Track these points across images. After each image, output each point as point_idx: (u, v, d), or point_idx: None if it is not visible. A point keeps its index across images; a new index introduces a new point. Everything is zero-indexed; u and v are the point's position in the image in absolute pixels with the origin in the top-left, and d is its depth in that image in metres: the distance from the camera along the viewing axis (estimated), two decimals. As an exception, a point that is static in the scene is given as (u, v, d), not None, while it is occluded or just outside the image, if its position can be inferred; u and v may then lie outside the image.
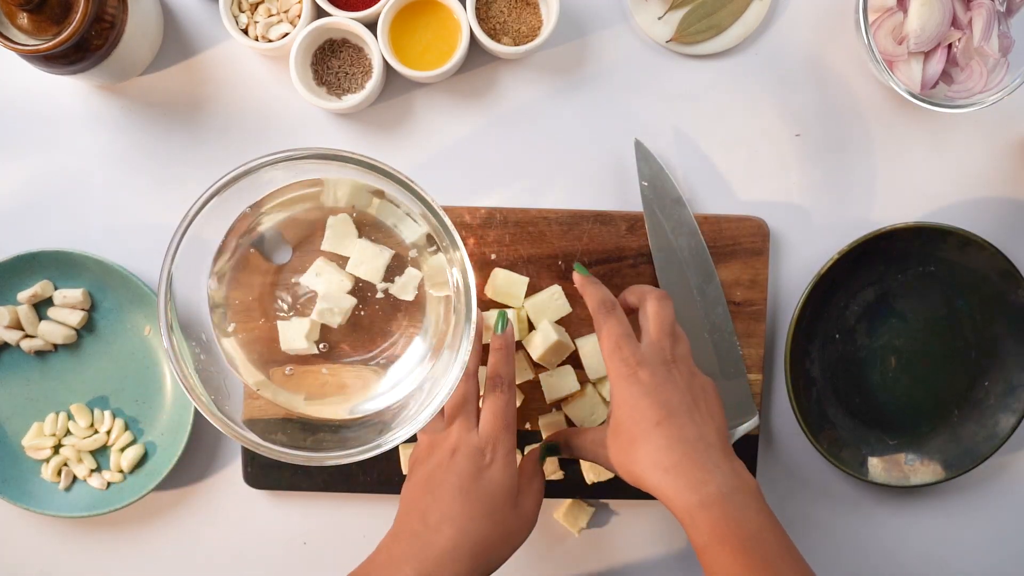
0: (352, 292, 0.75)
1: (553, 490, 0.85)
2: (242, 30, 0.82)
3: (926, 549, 0.89)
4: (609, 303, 0.73)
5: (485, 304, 0.84)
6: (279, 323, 0.75)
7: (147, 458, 0.85)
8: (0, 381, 0.85)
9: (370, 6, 0.81)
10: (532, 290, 0.84)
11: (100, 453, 0.86)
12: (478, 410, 0.73)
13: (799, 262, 0.87)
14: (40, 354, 0.85)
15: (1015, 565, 0.90)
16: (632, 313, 0.75)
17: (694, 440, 0.68)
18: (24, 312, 0.84)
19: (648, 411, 0.68)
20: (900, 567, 0.89)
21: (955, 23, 0.81)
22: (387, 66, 0.82)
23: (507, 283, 0.83)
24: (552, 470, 0.85)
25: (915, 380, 0.88)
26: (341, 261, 0.75)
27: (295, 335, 0.74)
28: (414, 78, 0.82)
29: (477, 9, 0.82)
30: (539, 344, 0.80)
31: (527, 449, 0.84)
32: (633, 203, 0.86)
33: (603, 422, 0.79)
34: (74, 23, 0.72)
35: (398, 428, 0.70)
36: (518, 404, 0.83)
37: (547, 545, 0.88)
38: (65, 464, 0.85)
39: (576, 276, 0.76)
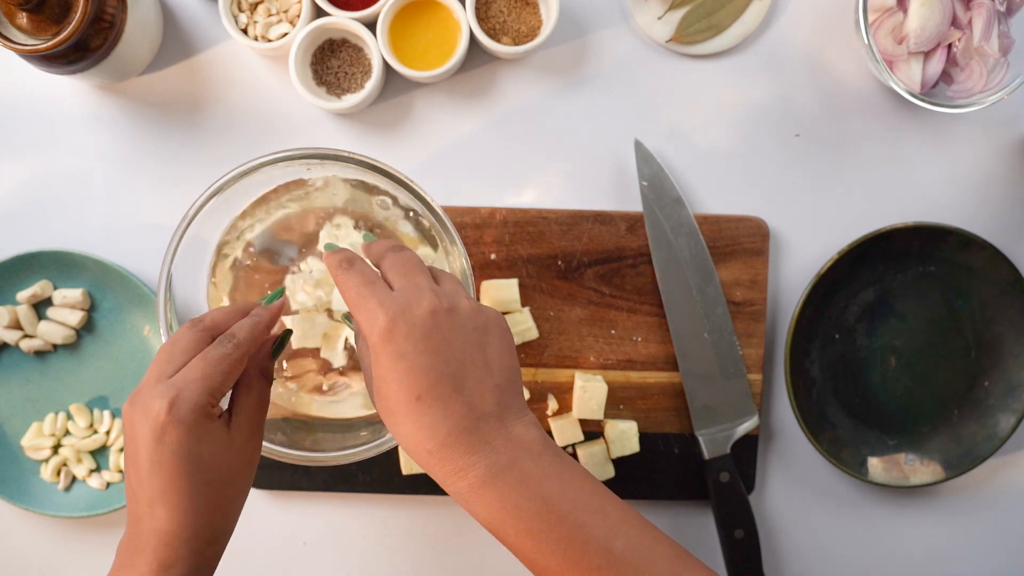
0: None
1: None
2: (242, 30, 0.81)
3: (926, 549, 0.89)
4: (348, 258, 0.62)
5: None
6: (284, 319, 0.74)
7: (147, 458, 0.85)
8: (0, 381, 0.85)
9: (370, 6, 0.81)
10: (523, 296, 0.84)
11: (99, 453, 0.86)
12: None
13: (799, 262, 0.87)
14: (40, 354, 0.85)
15: (1015, 565, 0.90)
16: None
17: (462, 415, 0.57)
18: (24, 312, 0.84)
19: (407, 379, 0.57)
20: (900, 567, 0.89)
21: (955, 23, 0.81)
22: (387, 66, 0.82)
23: (498, 290, 0.83)
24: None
25: (915, 380, 0.88)
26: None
27: (299, 334, 0.74)
28: (414, 78, 0.82)
29: (477, 9, 0.82)
30: None
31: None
32: (633, 203, 0.86)
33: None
34: (74, 23, 0.72)
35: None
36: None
37: (547, 545, 0.88)
38: (64, 464, 0.85)
39: (325, 254, 0.64)
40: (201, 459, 0.58)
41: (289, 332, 0.67)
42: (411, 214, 0.74)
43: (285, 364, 0.76)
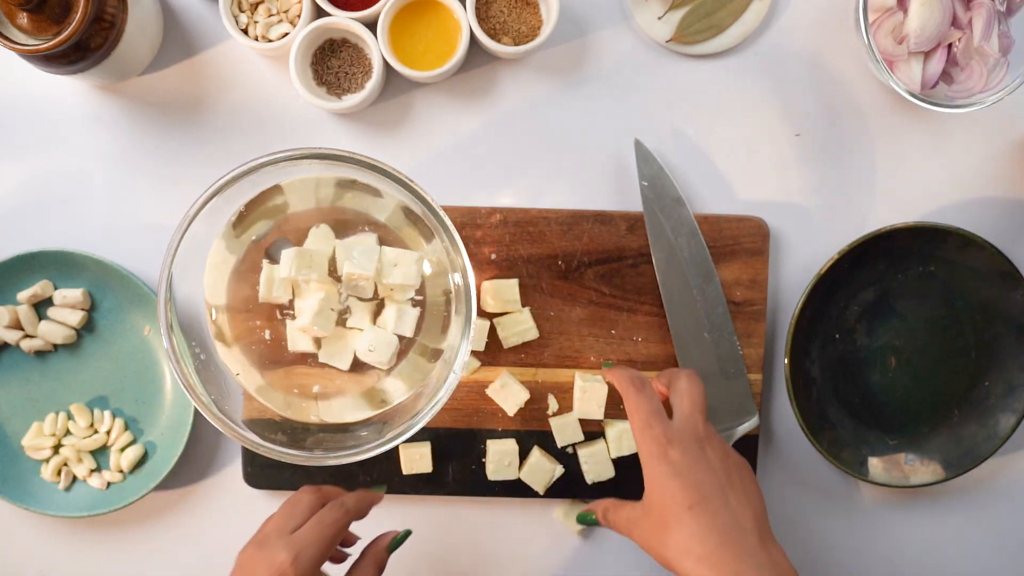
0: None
1: (553, 490, 0.85)
2: (242, 30, 0.82)
3: (926, 549, 0.89)
4: (639, 380, 0.71)
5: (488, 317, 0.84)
6: (288, 323, 0.74)
7: (147, 458, 0.85)
8: (0, 381, 0.85)
9: (370, 6, 0.81)
10: (523, 296, 0.84)
11: (100, 453, 0.86)
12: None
13: (799, 262, 0.87)
14: (40, 354, 0.85)
15: (1015, 565, 0.90)
16: (663, 399, 0.73)
17: (728, 526, 0.64)
18: (24, 312, 0.84)
19: (679, 493, 0.65)
20: (900, 567, 0.89)
21: (955, 23, 0.81)
22: (387, 66, 0.82)
23: (498, 290, 0.83)
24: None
25: (915, 380, 0.88)
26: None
27: (301, 336, 0.74)
28: (414, 78, 0.82)
29: (477, 9, 0.82)
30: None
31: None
32: (633, 203, 0.86)
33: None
34: (74, 23, 0.72)
35: (398, 428, 0.70)
36: None
37: (547, 545, 0.88)
38: (65, 464, 0.85)
39: (606, 372, 0.76)
40: None
41: (408, 532, 0.74)
42: (411, 214, 0.74)
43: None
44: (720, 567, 0.63)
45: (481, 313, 0.84)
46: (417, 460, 0.83)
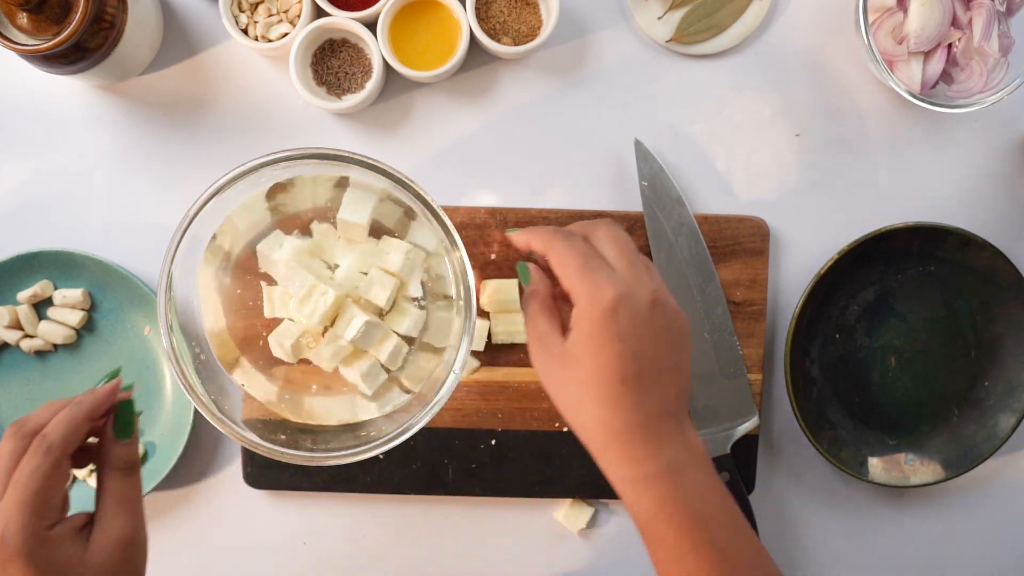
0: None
1: (552, 491, 0.85)
2: (242, 30, 0.82)
3: (926, 549, 0.89)
4: (562, 231, 0.62)
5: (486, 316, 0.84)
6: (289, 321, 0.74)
7: (147, 458, 0.85)
8: (0, 381, 0.85)
9: (370, 6, 0.81)
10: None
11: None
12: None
13: (799, 262, 0.87)
14: (40, 354, 0.85)
15: (1015, 565, 0.90)
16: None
17: (653, 406, 0.59)
18: (24, 312, 0.84)
19: (616, 360, 0.58)
20: (900, 567, 0.89)
21: (955, 23, 0.81)
22: (387, 66, 0.82)
23: (498, 290, 0.82)
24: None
25: (915, 380, 0.88)
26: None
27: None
28: (414, 78, 0.81)
29: (477, 9, 0.82)
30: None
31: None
32: (633, 203, 0.86)
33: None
34: (74, 23, 0.72)
35: (398, 428, 0.70)
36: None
37: (547, 545, 0.88)
38: (65, 464, 0.85)
39: (512, 237, 0.65)
40: None
41: (129, 403, 0.61)
42: (411, 214, 0.74)
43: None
44: (635, 446, 0.59)
45: (481, 313, 0.84)
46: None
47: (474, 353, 0.84)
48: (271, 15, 0.82)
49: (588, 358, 0.59)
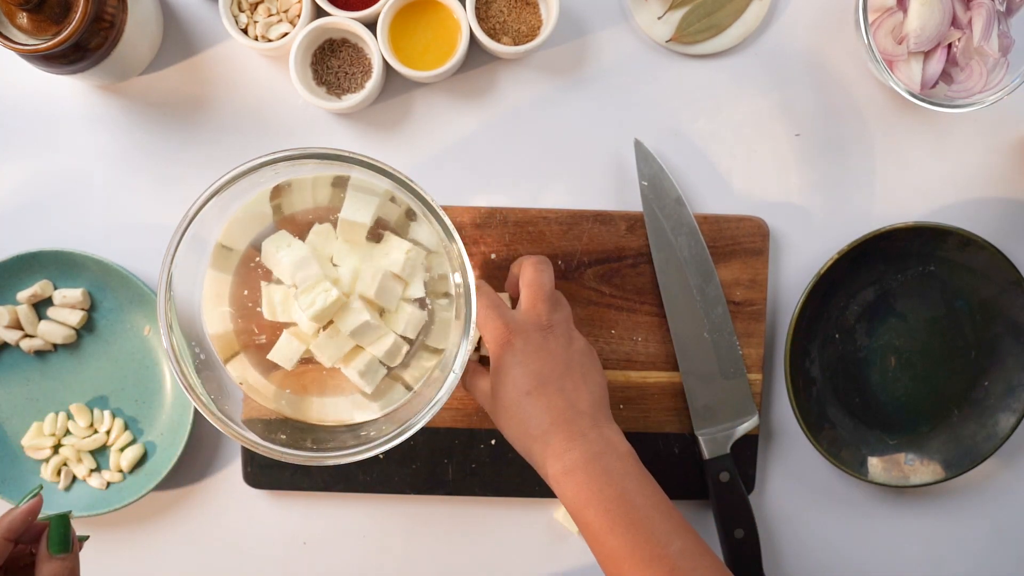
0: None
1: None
2: (242, 30, 0.82)
3: (926, 549, 0.89)
4: (477, 284, 0.73)
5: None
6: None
7: (147, 458, 0.85)
8: (0, 381, 0.85)
9: (370, 6, 0.81)
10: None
11: (100, 453, 0.86)
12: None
13: (799, 262, 0.87)
14: (40, 354, 0.85)
15: (1015, 565, 0.90)
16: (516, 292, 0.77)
17: (563, 409, 0.70)
18: (24, 312, 0.84)
19: (520, 380, 0.71)
20: (900, 567, 0.89)
21: (955, 23, 0.81)
22: (387, 66, 0.82)
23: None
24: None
25: (915, 380, 0.88)
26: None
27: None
28: (414, 78, 0.82)
29: (477, 9, 0.82)
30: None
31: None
32: (633, 203, 0.86)
33: None
34: (74, 23, 0.72)
35: (398, 428, 0.70)
36: None
37: (547, 545, 0.88)
38: (65, 464, 0.85)
39: None
40: None
41: (63, 517, 0.60)
42: (411, 214, 0.74)
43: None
44: (552, 445, 0.70)
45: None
46: None
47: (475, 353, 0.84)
48: (271, 15, 0.82)
49: (500, 386, 0.72)
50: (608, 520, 0.67)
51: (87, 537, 0.67)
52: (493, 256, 0.84)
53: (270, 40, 0.81)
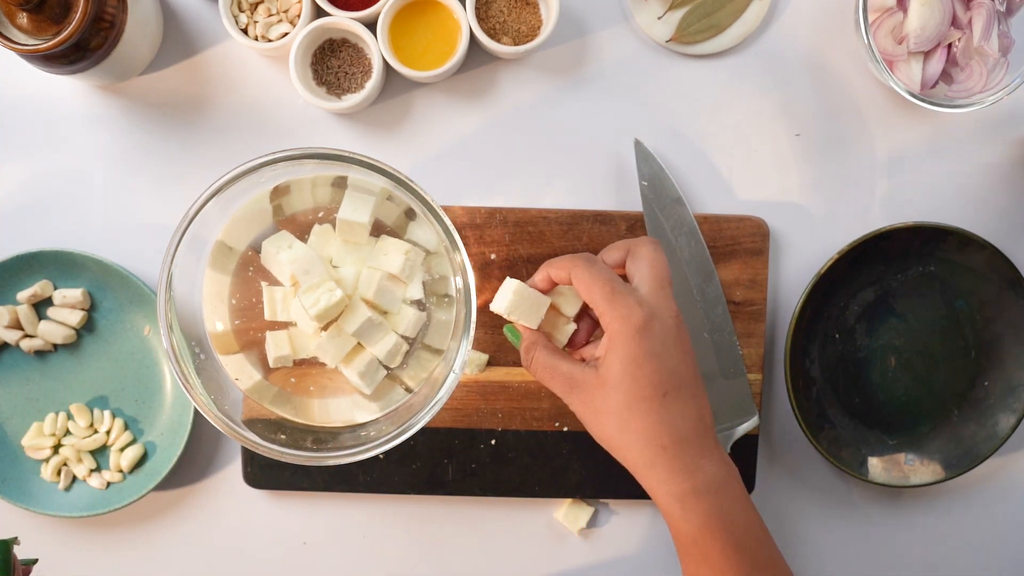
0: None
1: (552, 490, 0.85)
2: (242, 30, 0.82)
3: (926, 549, 0.89)
4: (585, 256, 0.65)
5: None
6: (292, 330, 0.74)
7: (147, 458, 0.85)
8: (0, 381, 0.85)
9: (370, 6, 0.81)
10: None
11: (100, 453, 0.86)
12: None
13: (799, 262, 0.87)
14: (40, 354, 0.85)
15: (1015, 565, 0.90)
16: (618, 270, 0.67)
17: (696, 419, 0.62)
18: (24, 312, 0.84)
19: (656, 376, 0.60)
20: (900, 567, 0.89)
21: (955, 23, 0.81)
22: (387, 66, 0.82)
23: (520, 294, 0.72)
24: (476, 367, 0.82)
25: (915, 380, 0.88)
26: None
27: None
28: (414, 78, 0.82)
29: (477, 9, 0.82)
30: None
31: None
32: (633, 203, 0.86)
33: (585, 363, 0.67)
34: (74, 23, 0.72)
35: (398, 428, 0.70)
36: None
37: (547, 545, 0.88)
38: (65, 464, 0.85)
39: (535, 281, 0.68)
40: None
41: (4, 544, 0.64)
42: (412, 214, 0.74)
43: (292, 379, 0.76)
44: (681, 459, 0.61)
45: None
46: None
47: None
48: (271, 15, 0.82)
49: (628, 378, 0.61)
50: (738, 555, 0.60)
51: (35, 561, 0.69)
52: (493, 256, 0.84)
53: (270, 40, 0.81)
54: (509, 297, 0.68)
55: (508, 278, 0.69)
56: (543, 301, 0.68)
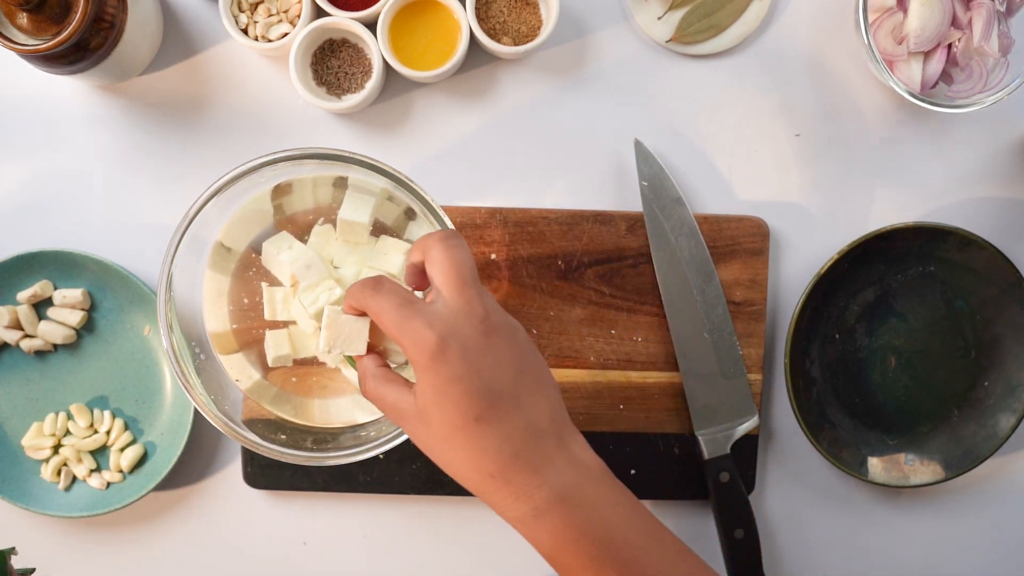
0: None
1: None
2: (242, 30, 0.82)
3: (926, 549, 0.89)
4: (371, 280, 0.58)
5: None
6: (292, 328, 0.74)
7: (147, 458, 0.85)
8: (0, 381, 0.85)
9: (370, 6, 0.81)
10: (523, 296, 0.84)
11: (100, 453, 0.86)
12: None
13: (799, 262, 0.87)
14: (40, 354, 0.85)
15: (1015, 565, 0.90)
16: (424, 275, 0.60)
17: (523, 433, 0.55)
18: (24, 312, 0.84)
19: (463, 401, 0.54)
20: (900, 567, 0.89)
21: (955, 23, 0.81)
22: (387, 66, 0.82)
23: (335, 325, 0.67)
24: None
25: (915, 380, 0.88)
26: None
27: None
28: (414, 78, 0.82)
29: (477, 9, 0.82)
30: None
31: None
32: (633, 203, 0.86)
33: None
34: (74, 23, 0.72)
35: (398, 428, 0.70)
36: None
37: (547, 545, 0.88)
38: (65, 464, 0.85)
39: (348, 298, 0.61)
40: None
41: (1, 554, 0.64)
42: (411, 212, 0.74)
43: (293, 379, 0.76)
44: (515, 483, 0.55)
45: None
46: None
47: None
48: (271, 15, 0.82)
49: (437, 410, 0.55)
50: (595, 564, 0.55)
51: (32, 571, 0.69)
52: (493, 256, 0.84)
53: (270, 40, 0.81)
54: (323, 333, 0.62)
55: (325, 307, 0.64)
56: (361, 323, 0.62)
